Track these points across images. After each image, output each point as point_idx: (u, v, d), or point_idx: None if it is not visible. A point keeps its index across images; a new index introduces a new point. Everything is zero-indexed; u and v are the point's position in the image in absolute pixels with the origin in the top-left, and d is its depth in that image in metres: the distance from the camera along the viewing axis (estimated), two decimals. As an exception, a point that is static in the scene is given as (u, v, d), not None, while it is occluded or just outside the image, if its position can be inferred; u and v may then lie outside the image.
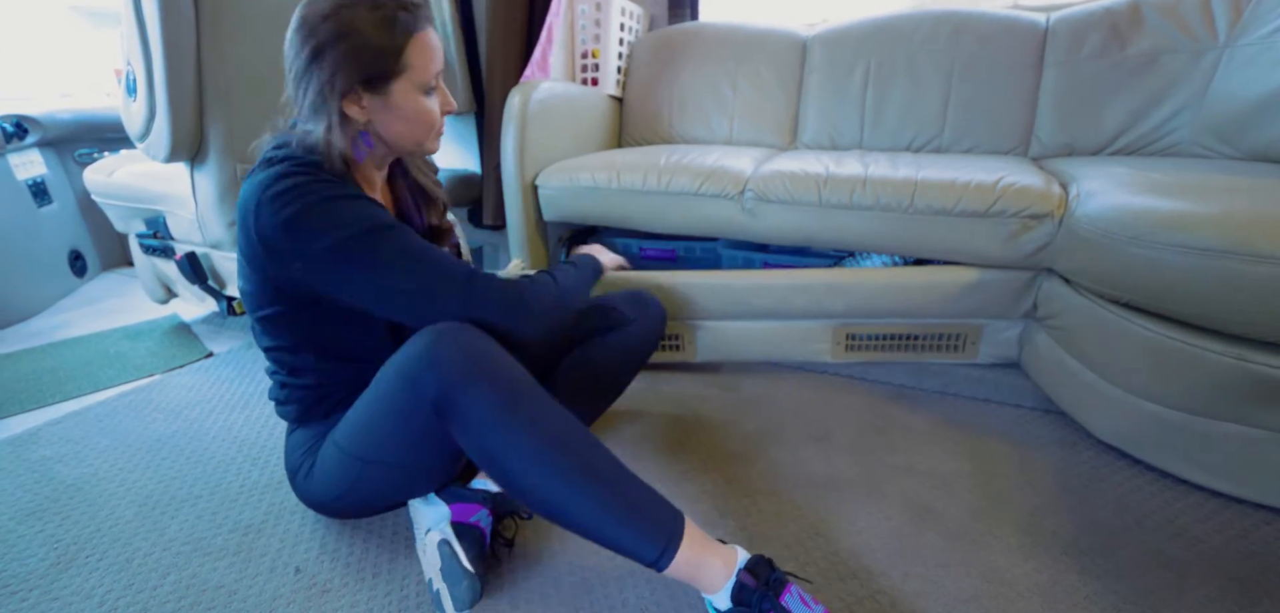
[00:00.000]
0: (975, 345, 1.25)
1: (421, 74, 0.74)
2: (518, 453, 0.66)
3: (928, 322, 1.26)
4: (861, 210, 1.22)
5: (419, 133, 0.79)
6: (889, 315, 1.27)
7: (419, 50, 0.73)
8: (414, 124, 0.77)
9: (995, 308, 1.21)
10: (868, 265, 1.34)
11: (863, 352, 1.33)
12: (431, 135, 0.81)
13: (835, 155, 1.45)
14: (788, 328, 1.32)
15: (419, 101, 0.76)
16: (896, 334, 1.29)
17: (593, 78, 1.86)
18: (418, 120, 0.77)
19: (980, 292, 1.19)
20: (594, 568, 0.83)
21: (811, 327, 1.32)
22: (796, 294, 1.28)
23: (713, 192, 1.39)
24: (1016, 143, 1.49)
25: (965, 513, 0.90)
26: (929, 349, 1.29)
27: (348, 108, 0.72)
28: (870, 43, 1.63)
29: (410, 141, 0.79)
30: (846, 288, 1.26)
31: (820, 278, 1.27)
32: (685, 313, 1.33)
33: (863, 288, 1.25)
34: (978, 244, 1.15)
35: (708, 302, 1.31)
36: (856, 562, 0.82)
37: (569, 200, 1.58)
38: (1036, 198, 1.08)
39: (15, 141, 1.95)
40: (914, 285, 1.23)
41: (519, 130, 1.56)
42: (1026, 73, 1.47)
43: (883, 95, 1.61)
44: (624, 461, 0.71)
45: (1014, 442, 1.06)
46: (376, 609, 0.77)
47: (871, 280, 1.25)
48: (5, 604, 0.79)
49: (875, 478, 0.99)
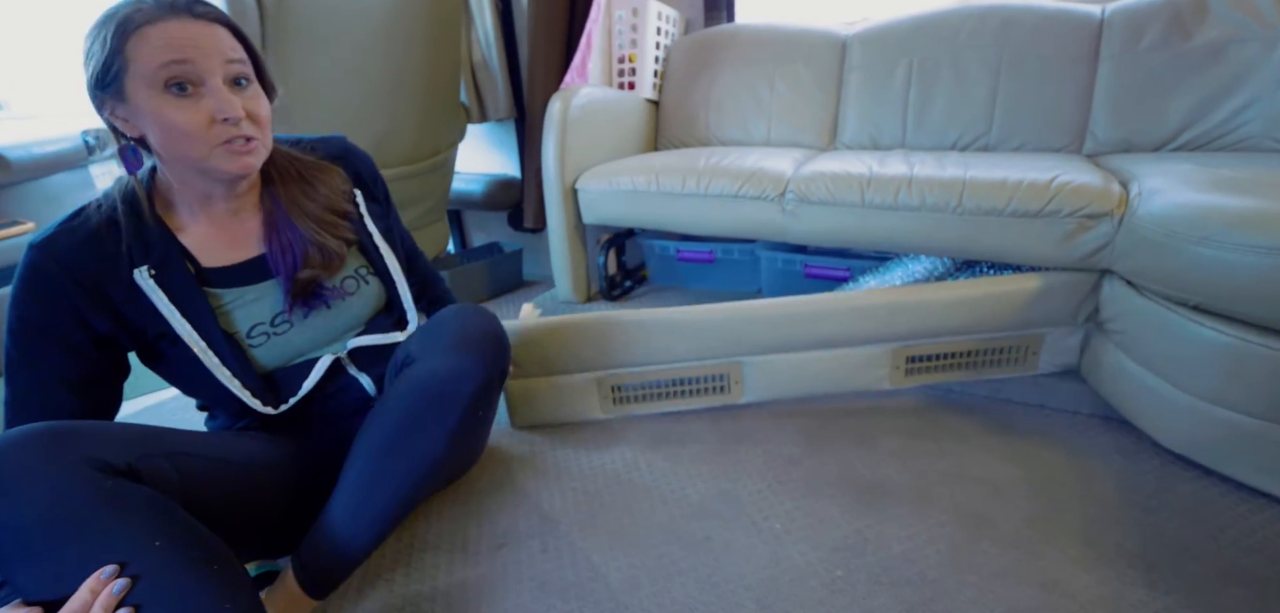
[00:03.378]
0: (1035, 357, 1.18)
1: (146, 66, 0.62)
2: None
3: (989, 336, 1.16)
4: (907, 211, 1.20)
5: (182, 144, 0.65)
6: (951, 333, 1.16)
7: (142, 41, 0.62)
8: (168, 132, 0.65)
9: (1058, 316, 1.14)
10: (911, 266, 1.31)
11: (923, 374, 1.21)
12: (204, 148, 0.66)
13: (878, 155, 1.42)
14: (845, 356, 1.18)
15: (159, 103, 0.63)
16: (957, 352, 1.18)
17: (629, 82, 1.87)
18: (167, 126, 0.64)
19: (1047, 299, 1.12)
20: (642, 566, 0.83)
21: (871, 352, 1.18)
22: (859, 319, 1.15)
23: (753, 193, 1.38)
24: (1070, 140, 1.44)
25: (1021, 522, 0.87)
26: (989, 365, 1.20)
27: (110, 117, 0.66)
28: (913, 40, 1.60)
29: (181, 156, 0.67)
30: (912, 307, 1.14)
31: (884, 300, 1.14)
32: (734, 348, 1.16)
33: (930, 306, 1.14)
34: (1030, 245, 1.12)
35: (761, 334, 1.15)
36: (908, 569, 0.80)
37: (608, 203, 1.59)
38: (1094, 196, 1.04)
39: (96, 153, 2.06)
40: (982, 298, 1.13)
41: (559, 135, 1.58)
42: (1080, 67, 1.42)
43: (926, 93, 1.57)
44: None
45: (1071, 449, 1.02)
46: None
47: (938, 297, 1.14)
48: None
49: (924, 484, 0.96)
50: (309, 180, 0.80)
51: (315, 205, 0.79)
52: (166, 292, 0.70)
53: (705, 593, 0.78)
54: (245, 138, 0.68)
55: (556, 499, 0.98)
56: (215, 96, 0.65)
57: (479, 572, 0.84)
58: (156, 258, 0.70)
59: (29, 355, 0.65)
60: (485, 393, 0.73)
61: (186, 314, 0.71)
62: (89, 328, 0.67)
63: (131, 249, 0.69)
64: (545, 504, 0.97)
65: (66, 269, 0.65)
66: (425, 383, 0.70)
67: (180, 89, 0.64)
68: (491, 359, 0.72)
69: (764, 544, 0.86)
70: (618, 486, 1.00)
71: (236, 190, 0.75)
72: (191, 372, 0.73)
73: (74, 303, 0.66)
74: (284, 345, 0.78)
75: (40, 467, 0.52)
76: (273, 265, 0.76)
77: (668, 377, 1.18)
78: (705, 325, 1.14)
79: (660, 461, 1.06)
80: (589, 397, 1.17)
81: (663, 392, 1.19)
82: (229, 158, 0.68)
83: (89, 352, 0.68)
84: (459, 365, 0.70)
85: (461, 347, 0.71)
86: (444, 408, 0.70)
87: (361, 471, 0.71)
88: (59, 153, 1.90)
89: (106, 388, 0.72)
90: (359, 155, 0.90)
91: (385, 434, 0.70)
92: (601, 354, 1.15)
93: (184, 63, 0.63)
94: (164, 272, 0.70)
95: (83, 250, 0.66)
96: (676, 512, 0.93)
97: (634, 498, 0.97)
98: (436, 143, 1.82)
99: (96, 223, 0.68)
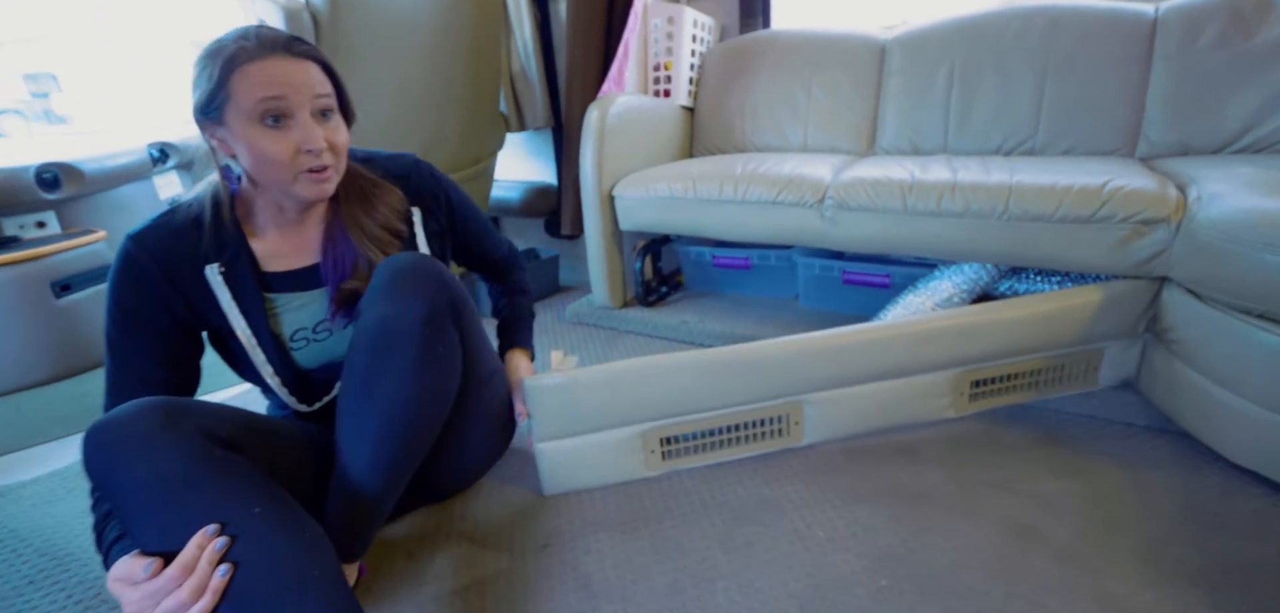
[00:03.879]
0: (1095, 372, 1.14)
1: (245, 101, 0.68)
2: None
3: (1054, 354, 1.12)
4: (950, 217, 1.18)
5: (270, 170, 0.71)
6: (1017, 353, 1.11)
7: (243, 78, 0.68)
8: (259, 160, 0.71)
9: (1120, 327, 1.10)
10: (956, 277, 1.29)
11: (987, 398, 1.14)
12: (289, 175, 0.72)
13: (919, 160, 1.40)
14: (909, 385, 1.10)
15: (254, 134, 0.69)
16: (1021, 372, 1.13)
17: (665, 89, 1.89)
18: (259, 155, 0.70)
19: (1112, 310, 1.08)
20: (685, 570, 0.84)
21: (935, 379, 1.10)
22: (926, 344, 1.07)
23: (791, 200, 1.38)
24: (1121, 143, 1.40)
25: (1073, 536, 0.85)
26: (1052, 384, 1.14)
27: (209, 137, 0.73)
28: (954, 43, 1.58)
29: (269, 180, 0.73)
30: (982, 329, 1.08)
31: (952, 323, 1.08)
32: (794, 385, 1.05)
33: (998, 326, 1.08)
34: (1081, 252, 1.09)
35: (824, 368, 1.05)
36: (955, 580, 0.79)
37: (645, 210, 1.61)
38: (1150, 201, 1.01)
39: (160, 165, 2.18)
40: (1050, 314, 1.08)
41: (597, 143, 1.61)
42: (1132, 68, 1.38)
43: (969, 97, 1.55)
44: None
45: (1126, 462, 0.99)
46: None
47: (1007, 316, 1.08)
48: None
49: (970, 494, 0.94)
50: (370, 198, 0.85)
51: (372, 223, 0.84)
52: (231, 288, 0.76)
53: (749, 598, 0.78)
54: (323, 166, 0.74)
55: (597, 503, 1.00)
56: (302, 129, 0.71)
57: (525, 569, 0.86)
58: (228, 257, 0.77)
59: (125, 333, 0.74)
60: (433, 325, 0.74)
61: (243, 311, 0.77)
62: (170, 312, 0.75)
63: (208, 247, 0.76)
64: (586, 508, 0.99)
65: (153, 258, 0.73)
66: (372, 329, 0.73)
67: (274, 121, 0.70)
68: (431, 294, 0.75)
69: (807, 551, 0.85)
70: (657, 491, 1.01)
71: (307, 207, 0.81)
72: (243, 362, 0.80)
73: (158, 289, 0.74)
74: (321, 351, 0.83)
75: (160, 435, 0.59)
76: (324, 274, 0.81)
77: (721, 423, 1.05)
78: (764, 363, 1.03)
79: (701, 467, 1.07)
80: (632, 454, 1.03)
81: (716, 441, 1.07)
82: (308, 185, 0.74)
83: (173, 333, 0.76)
84: (398, 306, 0.73)
85: (399, 289, 0.74)
86: (395, 347, 0.72)
87: (346, 425, 0.74)
88: (127, 165, 2.01)
89: (190, 365, 0.80)
90: (423, 174, 0.93)
91: (355, 384, 0.74)
92: (646, 404, 1.01)
93: (278, 98, 0.69)
94: (232, 271, 0.77)
95: (167, 243, 0.74)
96: (718, 518, 0.94)
97: (674, 502, 0.98)
98: (478, 152, 1.87)
99: (183, 221, 0.75)
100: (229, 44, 0.69)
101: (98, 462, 0.58)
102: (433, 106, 1.64)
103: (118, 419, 0.59)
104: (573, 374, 0.99)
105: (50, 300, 1.62)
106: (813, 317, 1.62)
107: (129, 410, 0.60)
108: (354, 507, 0.75)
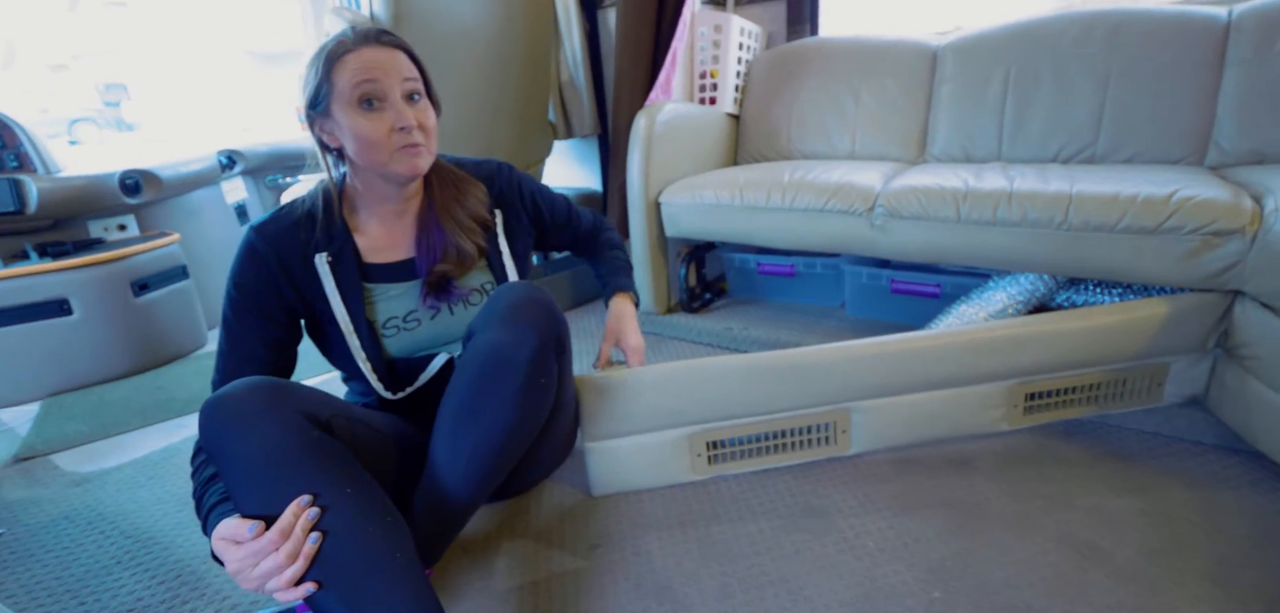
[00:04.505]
0: (1160, 388, 1.10)
1: (345, 89, 0.76)
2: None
3: (1115, 368, 1.08)
4: (1006, 227, 1.16)
5: (369, 151, 0.78)
6: (1076, 366, 1.08)
7: (343, 69, 0.76)
8: (360, 141, 0.78)
9: (1187, 342, 1.06)
10: (1011, 289, 1.27)
11: (1043, 412, 1.11)
12: (386, 153, 0.79)
13: (972, 169, 1.38)
14: (961, 396, 1.07)
15: (355, 118, 0.77)
16: (1080, 386, 1.09)
17: (711, 97, 1.90)
18: (360, 136, 0.77)
19: (1178, 324, 1.04)
20: (734, 574, 0.85)
21: (989, 390, 1.07)
22: (982, 354, 1.05)
23: (840, 207, 1.37)
24: (1189, 151, 1.35)
25: (1137, 554, 0.82)
26: (1112, 399, 1.11)
27: (318, 132, 0.81)
28: (1010, 49, 1.54)
29: (369, 160, 0.79)
30: (1040, 339, 1.05)
31: (1009, 332, 1.05)
32: (843, 392, 1.05)
33: (1057, 337, 1.05)
34: (1146, 263, 1.06)
35: (875, 376, 1.04)
36: (1012, 595, 0.77)
37: (691, 217, 1.62)
38: (1222, 212, 0.97)
39: (227, 171, 2.31)
40: (1112, 326, 1.05)
41: (645, 151, 1.63)
42: (1202, 73, 1.32)
43: (1024, 104, 1.51)
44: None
45: (1193, 480, 0.96)
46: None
47: (1067, 327, 1.05)
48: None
49: (1026, 510, 0.92)
50: (460, 189, 0.92)
51: (462, 212, 0.90)
52: (335, 277, 0.83)
53: (799, 605, 0.79)
54: (416, 143, 0.80)
55: (645, 505, 1.01)
56: (394, 110, 0.78)
57: (576, 567, 0.88)
58: (336, 248, 0.83)
59: (238, 314, 0.81)
60: (540, 358, 0.78)
61: (345, 298, 0.83)
62: (282, 298, 0.82)
63: (319, 238, 0.83)
64: (634, 509, 1.00)
65: (272, 248, 0.81)
66: (485, 354, 0.76)
67: (368, 105, 0.77)
68: (543, 327, 0.78)
69: (857, 561, 0.85)
70: (703, 495, 1.02)
71: (406, 193, 0.87)
72: (339, 348, 0.86)
73: (274, 277, 0.81)
74: (410, 340, 0.88)
75: (267, 413, 0.64)
76: (418, 257, 0.88)
77: (768, 429, 1.05)
78: (812, 368, 1.02)
79: (747, 472, 1.07)
80: (679, 457, 1.04)
81: (763, 446, 1.06)
82: (403, 160, 0.80)
83: (280, 318, 0.83)
84: (512, 336, 0.76)
85: (513, 319, 0.77)
86: (504, 375, 0.75)
87: (444, 437, 0.78)
88: (199, 171, 2.13)
89: (290, 349, 0.87)
90: (505, 177, 0.99)
91: (460, 402, 0.77)
92: (694, 407, 1.02)
93: (371, 82, 0.77)
94: (338, 261, 0.83)
95: (285, 235, 0.82)
96: (765, 523, 0.94)
97: (721, 506, 0.99)
98: (527, 159, 1.92)
99: (298, 215, 0.83)
100: (330, 44, 0.78)
101: (212, 432, 0.64)
102: (487, 115, 1.70)
103: (232, 396, 0.65)
104: (623, 374, 1.00)
105: (130, 299, 1.73)
106: (859, 325, 1.60)
107: (242, 388, 0.66)
108: (440, 514, 0.79)
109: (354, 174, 0.85)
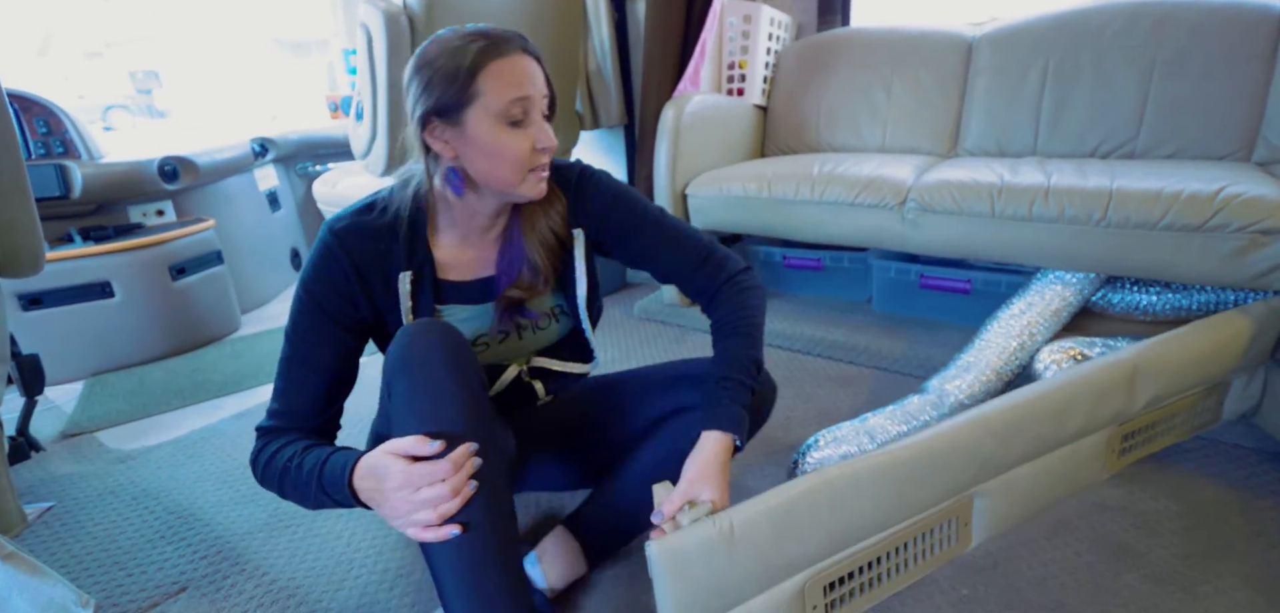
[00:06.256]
0: (1221, 406, 1.03)
1: (495, 101, 0.68)
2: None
3: (1194, 392, 0.99)
4: (1043, 223, 1.14)
5: (503, 170, 0.70)
6: (1170, 396, 0.96)
7: (493, 77, 0.67)
8: (495, 159, 0.70)
9: (1258, 354, 0.99)
10: (1055, 283, 1.23)
11: (1134, 452, 0.98)
12: (520, 174, 0.71)
13: (1008, 163, 1.36)
14: (1075, 452, 0.90)
15: (497, 133, 0.69)
16: (1162, 418, 0.98)
17: (738, 88, 1.89)
18: (498, 154, 0.69)
19: (1258, 334, 0.97)
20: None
21: (1095, 442, 0.92)
22: (1101, 399, 0.88)
23: (870, 201, 1.36)
24: (1236, 146, 1.31)
25: (1174, 558, 0.81)
26: (1184, 426, 1.01)
27: (431, 140, 0.71)
28: (1049, 40, 1.51)
29: (497, 180, 0.72)
30: (1154, 371, 0.90)
31: (1118, 372, 0.88)
32: (967, 476, 0.80)
33: (1169, 364, 0.91)
34: (1188, 262, 1.03)
35: (1005, 446, 0.81)
36: (1042, 594, 0.77)
37: (718, 209, 1.62)
38: (1272, 210, 0.95)
39: (260, 159, 2.36)
40: (1207, 348, 0.95)
41: (672, 142, 1.63)
42: (1252, 66, 1.28)
43: (1063, 97, 1.48)
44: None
45: (1233, 485, 0.93)
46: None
47: (1173, 357, 0.91)
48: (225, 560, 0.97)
49: (1058, 509, 0.91)
50: (547, 199, 0.81)
51: (544, 224, 0.82)
52: (413, 297, 0.77)
53: None
54: (546, 166, 0.74)
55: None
56: (537, 128, 0.71)
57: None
58: (417, 266, 0.77)
59: (307, 315, 0.75)
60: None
61: (418, 317, 0.78)
62: (354, 305, 0.76)
63: (402, 253, 0.76)
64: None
65: (350, 254, 0.74)
66: None
67: (515, 123, 0.69)
68: (755, 419, 0.83)
69: (886, 556, 0.85)
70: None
71: (503, 213, 0.80)
72: None
73: (348, 284, 0.74)
74: None
75: (468, 360, 0.69)
76: (498, 275, 0.82)
77: (887, 547, 0.76)
78: (948, 453, 0.77)
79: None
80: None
81: (883, 570, 0.77)
82: (533, 183, 0.73)
83: (348, 322, 0.77)
84: None
85: None
86: None
87: (639, 474, 0.83)
88: (233, 159, 2.18)
89: (354, 359, 0.80)
90: (587, 189, 0.83)
91: (661, 460, 0.82)
92: (814, 540, 0.70)
93: (525, 98, 0.69)
94: (418, 280, 0.77)
95: (366, 243, 0.75)
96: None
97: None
98: (553, 149, 1.93)
99: (379, 222, 0.76)
100: (465, 46, 0.68)
101: (414, 338, 0.67)
102: (514, 105, 1.71)
103: (442, 323, 0.71)
104: (715, 525, 0.66)
105: (168, 283, 1.78)
106: (887, 320, 1.59)
107: (444, 328, 0.70)
108: (616, 528, 0.87)
109: (452, 186, 0.74)
